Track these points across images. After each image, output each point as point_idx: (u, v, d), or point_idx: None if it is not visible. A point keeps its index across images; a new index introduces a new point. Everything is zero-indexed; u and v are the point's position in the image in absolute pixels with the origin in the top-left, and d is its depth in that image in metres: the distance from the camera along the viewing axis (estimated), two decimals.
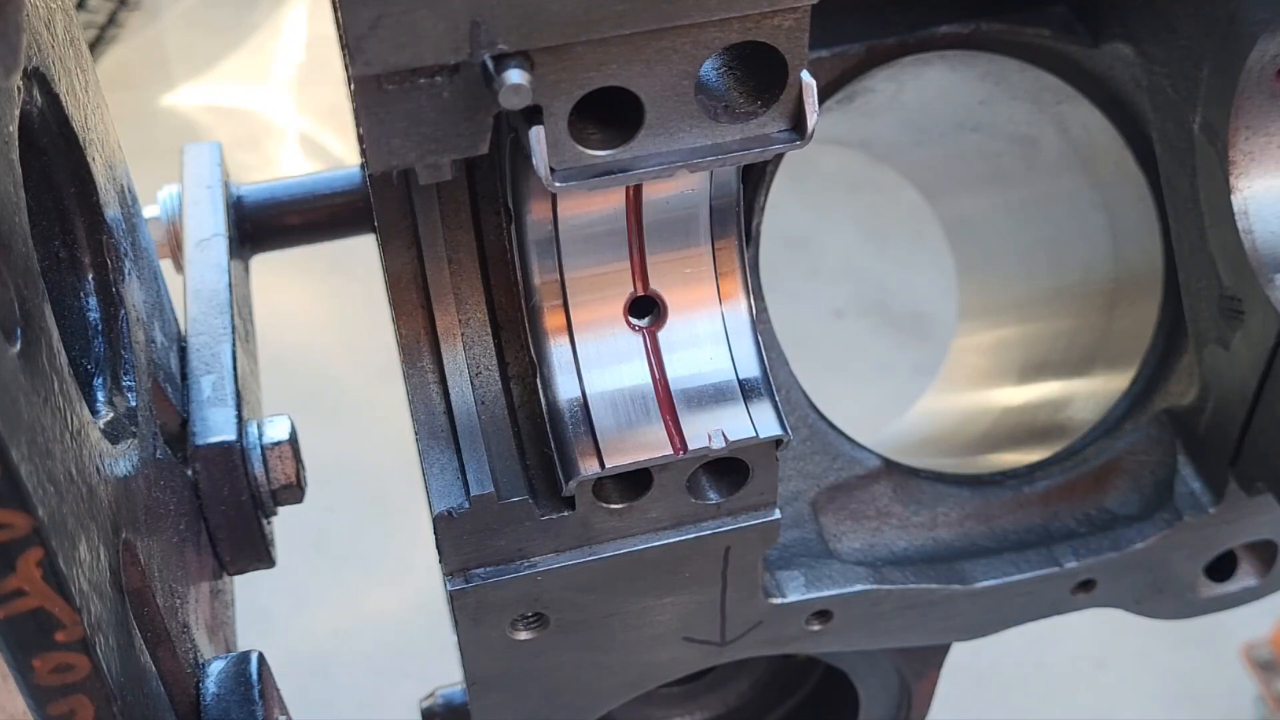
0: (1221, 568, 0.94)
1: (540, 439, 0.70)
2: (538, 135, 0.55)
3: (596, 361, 0.67)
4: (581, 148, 0.57)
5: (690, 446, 0.67)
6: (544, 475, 0.70)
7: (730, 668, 1.04)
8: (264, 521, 0.85)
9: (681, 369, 0.68)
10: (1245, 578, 0.95)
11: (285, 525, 0.93)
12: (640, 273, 0.67)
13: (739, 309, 0.68)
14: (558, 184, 0.57)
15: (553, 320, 0.67)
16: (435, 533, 0.69)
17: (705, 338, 0.68)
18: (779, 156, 0.64)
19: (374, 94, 0.53)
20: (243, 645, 0.80)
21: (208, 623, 0.78)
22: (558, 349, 0.67)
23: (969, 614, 0.88)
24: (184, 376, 0.84)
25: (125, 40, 4.11)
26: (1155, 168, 0.86)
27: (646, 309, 0.68)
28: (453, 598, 0.71)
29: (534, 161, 0.55)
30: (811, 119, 0.58)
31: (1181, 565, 0.91)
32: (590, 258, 0.66)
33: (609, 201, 0.64)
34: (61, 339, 0.54)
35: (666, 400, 0.67)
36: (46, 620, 0.49)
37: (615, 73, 0.55)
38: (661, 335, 0.68)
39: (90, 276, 0.69)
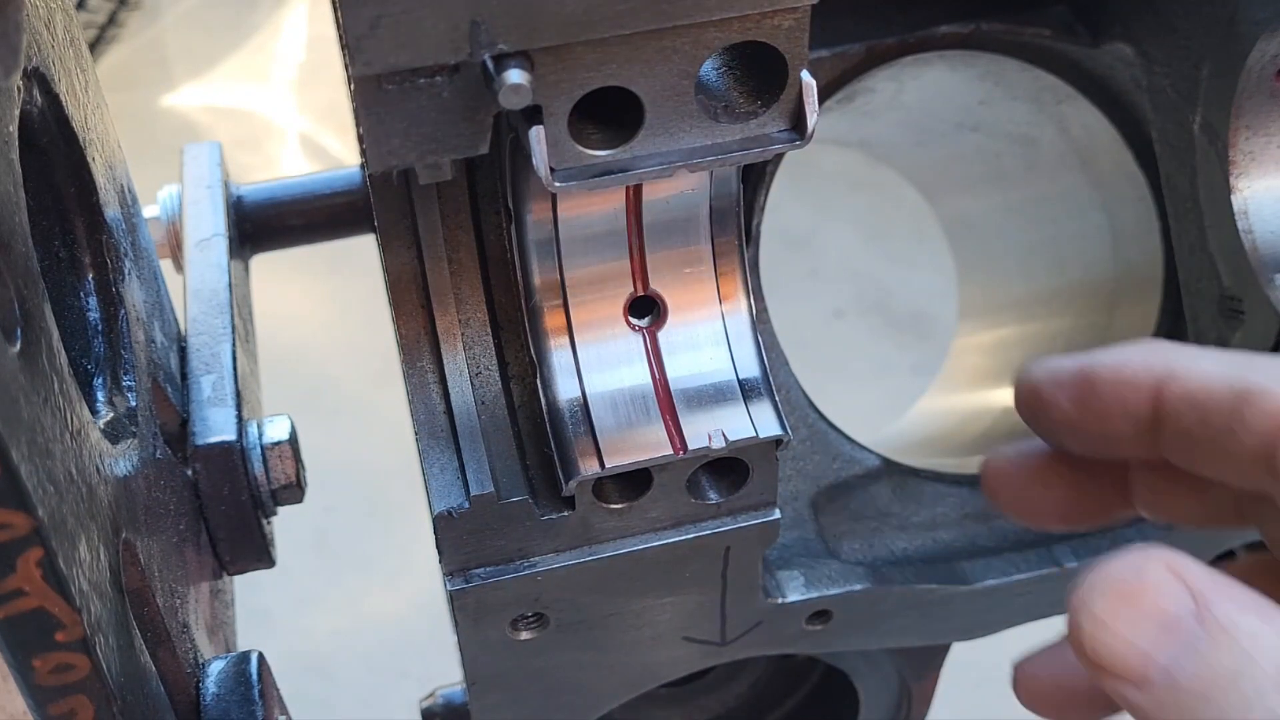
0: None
1: (540, 439, 0.70)
2: (538, 135, 0.55)
3: (596, 361, 0.67)
4: (581, 148, 0.57)
5: (690, 446, 0.66)
6: (544, 475, 0.70)
7: (730, 668, 1.04)
8: (264, 521, 0.85)
9: (681, 369, 0.67)
10: None
11: (285, 525, 0.93)
12: (640, 273, 0.67)
13: (739, 309, 0.68)
14: (558, 184, 0.56)
15: (553, 320, 0.67)
16: (435, 533, 0.69)
17: (705, 338, 0.68)
18: (779, 156, 0.64)
19: (374, 94, 0.53)
20: (243, 645, 0.80)
21: (208, 623, 0.78)
22: (558, 349, 0.67)
23: (969, 614, 0.88)
24: (184, 376, 0.84)
25: (125, 40, 4.10)
26: (1155, 168, 0.86)
27: (646, 309, 0.68)
28: (453, 598, 0.71)
29: (534, 161, 0.55)
30: (811, 119, 0.58)
31: None
32: (590, 258, 0.66)
33: (609, 201, 0.64)
34: (61, 339, 0.54)
35: (666, 400, 0.67)
36: (46, 620, 0.49)
37: (615, 73, 0.55)
38: (661, 335, 0.68)
39: (90, 276, 0.69)
